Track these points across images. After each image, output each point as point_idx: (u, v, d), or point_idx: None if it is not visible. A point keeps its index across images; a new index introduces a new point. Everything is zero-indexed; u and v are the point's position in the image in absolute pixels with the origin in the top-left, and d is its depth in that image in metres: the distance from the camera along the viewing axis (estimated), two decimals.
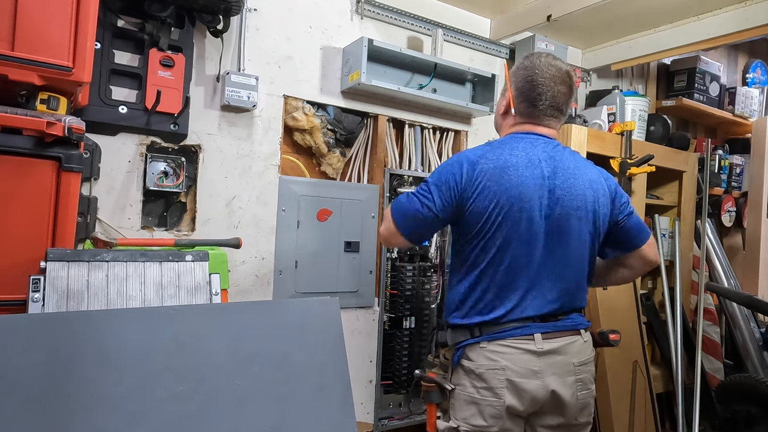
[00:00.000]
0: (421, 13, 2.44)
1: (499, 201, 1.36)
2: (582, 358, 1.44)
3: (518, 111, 1.51)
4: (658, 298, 2.97)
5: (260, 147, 2.05)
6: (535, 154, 1.42)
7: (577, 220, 1.42)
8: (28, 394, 1.03)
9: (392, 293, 2.32)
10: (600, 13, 2.36)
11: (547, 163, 1.42)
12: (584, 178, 1.45)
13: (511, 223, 1.36)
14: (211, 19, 1.87)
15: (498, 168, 1.38)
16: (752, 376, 2.68)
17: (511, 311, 1.38)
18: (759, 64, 3.92)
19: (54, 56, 1.27)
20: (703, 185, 3.08)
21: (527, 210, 1.37)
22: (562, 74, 1.47)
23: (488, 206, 1.36)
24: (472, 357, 1.40)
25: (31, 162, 1.31)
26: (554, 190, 1.40)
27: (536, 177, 1.39)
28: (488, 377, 1.36)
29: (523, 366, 1.36)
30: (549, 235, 1.39)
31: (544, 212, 1.38)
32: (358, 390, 2.24)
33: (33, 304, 1.25)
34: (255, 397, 1.23)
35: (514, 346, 1.37)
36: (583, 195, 1.43)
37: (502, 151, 1.41)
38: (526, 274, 1.39)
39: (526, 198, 1.37)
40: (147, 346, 1.16)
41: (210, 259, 1.51)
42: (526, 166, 1.39)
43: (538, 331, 1.38)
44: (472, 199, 1.37)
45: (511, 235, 1.37)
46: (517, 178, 1.37)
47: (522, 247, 1.38)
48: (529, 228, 1.37)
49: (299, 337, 1.35)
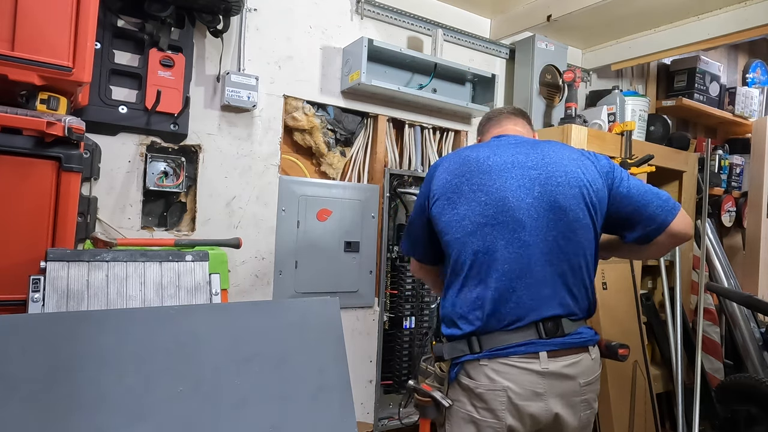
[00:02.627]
0: (421, 13, 2.44)
1: (461, 191, 1.32)
2: (588, 378, 1.33)
3: (480, 134, 1.61)
4: (658, 298, 2.97)
5: (260, 147, 2.05)
6: (500, 147, 1.38)
7: (564, 196, 1.29)
8: (28, 394, 1.03)
9: (392, 293, 2.32)
10: (600, 13, 2.36)
11: (517, 151, 1.35)
12: (566, 157, 1.34)
13: (478, 207, 1.29)
14: (211, 19, 1.87)
15: (457, 163, 1.37)
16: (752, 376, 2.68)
17: (511, 317, 1.27)
18: (759, 64, 3.92)
19: (54, 56, 1.27)
20: (703, 185, 3.08)
21: (495, 192, 1.29)
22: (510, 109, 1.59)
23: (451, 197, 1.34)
24: (472, 375, 1.29)
25: (31, 162, 1.31)
26: (531, 172, 1.31)
27: (503, 163, 1.32)
28: (489, 398, 1.26)
29: (526, 387, 1.25)
30: (534, 216, 1.27)
31: (521, 193, 1.28)
32: (358, 390, 2.24)
33: (33, 304, 1.25)
34: (255, 397, 1.23)
35: (517, 365, 1.26)
36: (566, 171, 1.31)
37: (462, 150, 1.43)
38: (521, 270, 1.27)
39: (492, 182, 1.30)
40: (147, 346, 1.16)
41: (210, 259, 1.51)
42: (488, 157, 1.35)
43: (543, 349, 1.26)
44: (435, 197, 1.36)
45: (491, 231, 1.27)
46: (479, 167, 1.33)
47: (508, 239, 1.27)
48: (502, 209, 1.28)
49: (299, 337, 1.34)
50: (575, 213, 1.29)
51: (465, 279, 1.31)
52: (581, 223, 1.30)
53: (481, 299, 1.29)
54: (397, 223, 2.39)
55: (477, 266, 1.29)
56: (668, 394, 2.92)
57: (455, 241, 1.32)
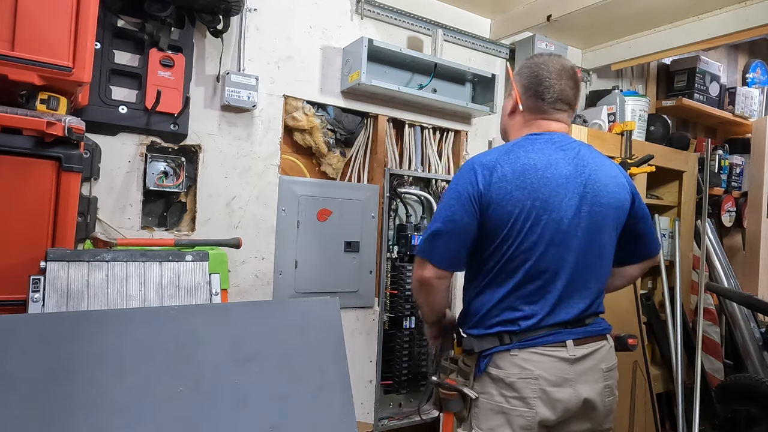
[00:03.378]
0: (421, 13, 2.44)
1: (524, 206, 1.29)
2: (609, 364, 1.41)
3: (526, 107, 1.45)
4: (658, 298, 2.97)
5: (260, 147, 2.05)
6: (553, 154, 1.36)
7: (605, 217, 1.37)
8: (28, 394, 1.03)
9: (392, 293, 2.32)
10: (600, 13, 2.36)
11: (567, 162, 1.35)
12: (607, 174, 1.40)
13: (539, 228, 1.30)
14: (211, 19, 1.87)
15: (517, 171, 1.31)
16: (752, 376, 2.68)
17: (543, 318, 1.33)
18: (759, 64, 3.92)
19: (54, 56, 1.27)
20: (703, 185, 3.08)
21: (555, 212, 1.31)
22: (567, 69, 1.43)
23: (513, 211, 1.30)
24: (502, 365, 1.32)
25: (31, 162, 1.31)
26: (580, 189, 1.34)
27: (560, 177, 1.33)
28: (520, 386, 1.30)
29: (556, 374, 1.30)
30: (580, 237, 1.34)
31: (572, 213, 1.32)
32: (358, 390, 2.24)
33: (33, 304, 1.25)
34: (255, 397, 1.23)
35: (546, 353, 1.31)
36: (608, 191, 1.38)
37: (518, 155, 1.34)
38: (559, 279, 1.33)
39: (553, 200, 1.31)
40: (147, 346, 1.16)
41: (210, 259, 1.51)
42: (546, 167, 1.33)
43: (569, 338, 1.33)
44: (493, 205, 1.30)
45: (541, 241, 1.31)
46: (540, 180, 1.31)
47: (553, 252, 1.32)
48: (558, 231, 1.31)
49: (299, 337, 1.34)
50: (609, 233, 1.40)
51: (504, 287, 1.34)
52: (612, 241, 1.43)
53: (522, 307, 1.34)
54: (397, 223, 2.39)
55: (522, 276, 1.33)
56: (668, 394, 2.92)
57: (509, 245, 1.33)
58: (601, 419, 1.39)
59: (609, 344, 1.43)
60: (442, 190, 2.48)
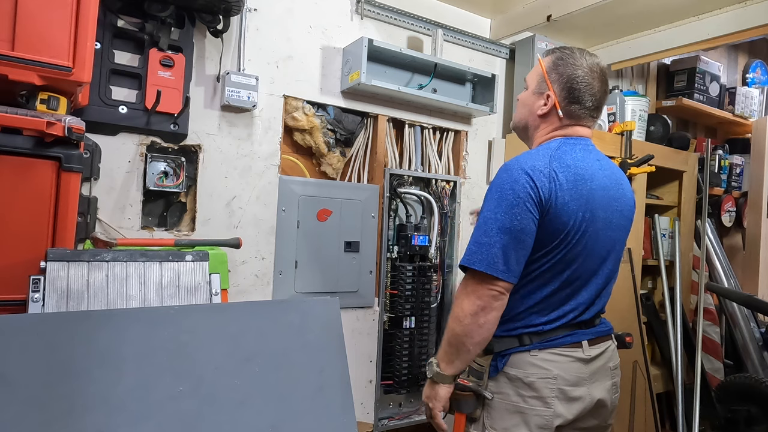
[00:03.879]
0: (421, 13, 2.44)
1: (577, 217, 1.28)
2: (615, 362, 1.45)
3: (566, 113, 1.38)
4: (658, 298, 2.97)
5: (260, 147, 2.05)
6: (592, 164, 1.35)
7: (624, 231, 1.42)
8: (28, 394, 1.03)
9: (392, 293, 2.32)
10: (600, 13, 2.36)
11: (601, 173, 1.36)
12: (627, 189, 1.44)
13: (585, 239, 1.30)
14: (211, 19, 1.87)
15: (570, 181, 1.28)
16: (752, 376, 2.68)
17: (565, 321, 1.35)
18: (759, 64, 3.92)
19: (54, 56, 1.27)
20: (703, 185, 3.08)
21: (596, 224, 1.32)
22: (602, 72, 1.39)
23: (567, 222, 1.27)
24: (520, 365, 1.32)
25: (31, 162, 1.31)
26: (612, 203, 1.36)
27: (599, 189, 1.33)
28: (539, 386, 1.30)
29: (573, 374, 1.32)
30: (609, 248, 1.37)
31: (606, 226, 1.34)
32: (358, 390, 2.24)
33: (33, 304, 1.25)
34: (255, 396, 1.23)
35: (564, 354, 1.33)
36: (629, 207, 1.43)
37: (567, 163, 1.30)
38: (588, 287, 1.36)
39: (597, 212, 1.31)
40: (147, 346, 1.16)
41: (210, 259, 1.51)
42: (591, 178, 1.32)
43: (585, 338, 1.36)
44: (551, 215, 1.26)
45: (583, 252, 1.31)
46: (589, 192, 1.30)
47: (589, 262, 1.33)
48: (596, 243, 1.33)
49: (299, 337, 1.35)
50: (623, 243, 1.45)
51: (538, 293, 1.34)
52: (623, 249, 1.47)
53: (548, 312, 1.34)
54: (397, 223, 2.39)
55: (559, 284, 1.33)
56: (668, 394, 2.92)
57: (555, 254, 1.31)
58: (607, 416, 1.43)
59: (614, 343, 1.47)
60: (442, 190, 2.48)
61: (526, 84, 1.49)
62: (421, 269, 2.34)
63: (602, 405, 1.38)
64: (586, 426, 1.39)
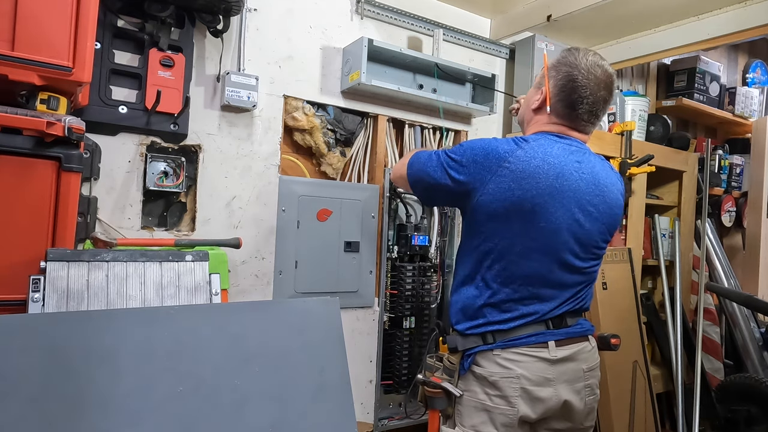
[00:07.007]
0: (421, 13, 2.44)
1: (523, 207, 1.29)
2: (590, 364, 1.44)
3: (554, 111, 1.40)
4: (658, 298, 2.97)
5: (260, 147, 2.05)
6: (569, 163, 1.34)
7: (600, 234, 1.41)
8: (28, 394, 1.03)
9: (392, 293, 2.32)
10: (600, 13, 2.36)
11: (580, 174, 1.34)
12: (614, 193, 1.42)
13: (534, 232, 1.31)
14: (211, 19, 1.87)
15: (526, 173, 1.29)
16: (752, 376, 2.69)
17: (527, 319, 1.35)
18: (759, 64, 3.92)
19: (54, 56, 1.27)
20: (703, 185, 3.08)
21: (554, 222, 1.31)
22: (606, 77, 1.37)
23: (509, 208, 1.29)
24: (484, 364, 1.36)
25: (31, 162, 1.31)
26: (586, 207, 1.35)
27: (569, 190, 1.32)
28: (502, 385, 1.33)
29: (537, 374, 1.33)
30: (573, 249, 1.36)
31: (573, 226, 1.34)
32: (358, 390, 2.24)
33: (33, 304, 1.25)
34: (254, 396, 1.23)
35: (528, 354, 1.34)
36: (612, 213, 1.41)
37: (534, 154, 1.31)
38: (547, 285, 1.35)
39: (555, 210, 1.31)
40: (147, 346, 1.16)
41: (210, 259, 1.51)
42: (557, 177, 1.30)
43: (551, 339, 1.36)
44: (489, 195, 1.30)
45: (534, 245, 1.32)
46: (547, 188, 1.29)
47: (545, 258, 1.33)
48: (557, 240, 1.32)
49: (299, 337, 1.35)
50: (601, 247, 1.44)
51: (491, 285, 1.36)
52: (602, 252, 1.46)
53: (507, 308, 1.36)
54: (397, 223, 2.39)
55: (510, 276, 1.35)
56: (668, 394, 2.92)
57: (496, 241, 1.34)
58: (581, 419, 1.42)
59: (591, 345, 1.46)
60: None
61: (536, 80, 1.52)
62: (421, 269, 2.34)
63: (571, 406, 1.37)
64: (558, 428, 1.40)
